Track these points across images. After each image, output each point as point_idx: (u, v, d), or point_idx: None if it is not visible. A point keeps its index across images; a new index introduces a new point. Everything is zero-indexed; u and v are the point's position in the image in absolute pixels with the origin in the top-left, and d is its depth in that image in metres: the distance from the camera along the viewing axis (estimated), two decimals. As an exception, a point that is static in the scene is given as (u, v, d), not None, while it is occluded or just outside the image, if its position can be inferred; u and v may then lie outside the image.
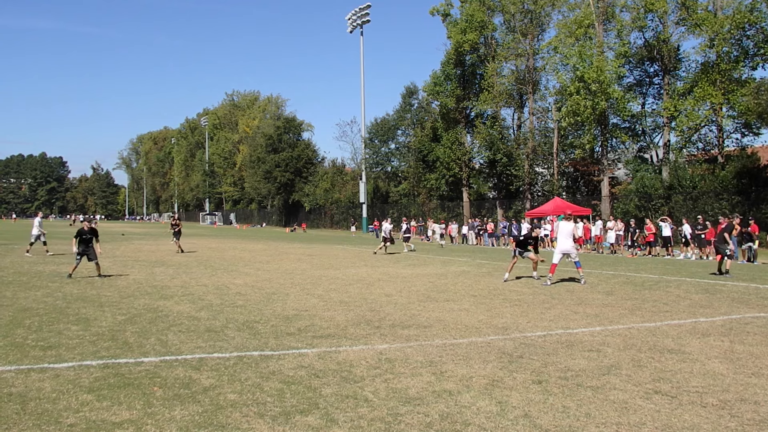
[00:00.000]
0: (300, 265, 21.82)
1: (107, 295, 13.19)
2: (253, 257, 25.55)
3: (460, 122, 57.00)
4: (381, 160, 68.75)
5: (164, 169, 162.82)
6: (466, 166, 56.15)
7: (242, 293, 13.74)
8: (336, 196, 76.87)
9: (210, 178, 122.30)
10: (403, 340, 8.79)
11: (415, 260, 24.68)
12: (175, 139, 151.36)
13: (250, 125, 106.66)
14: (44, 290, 13.98)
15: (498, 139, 51.89)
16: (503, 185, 54.54)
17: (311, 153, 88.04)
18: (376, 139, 68.31)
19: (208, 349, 8.10)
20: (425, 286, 15.27)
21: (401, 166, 67.88)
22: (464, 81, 56.27)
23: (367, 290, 14.44)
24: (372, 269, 20.17)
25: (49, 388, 6.34)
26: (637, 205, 39.74)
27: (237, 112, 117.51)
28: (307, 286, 15.26)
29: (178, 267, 20.30)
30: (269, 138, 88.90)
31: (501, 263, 22.71)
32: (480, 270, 20.23)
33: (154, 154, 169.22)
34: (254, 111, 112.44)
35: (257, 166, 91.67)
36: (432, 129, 61.04)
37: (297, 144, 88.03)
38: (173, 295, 13.28)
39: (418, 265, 21.88)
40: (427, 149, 59.39)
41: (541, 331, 9.48)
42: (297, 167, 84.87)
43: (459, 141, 56.06)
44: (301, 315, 10.88)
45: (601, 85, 38.76)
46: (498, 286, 15.52)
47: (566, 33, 42.71)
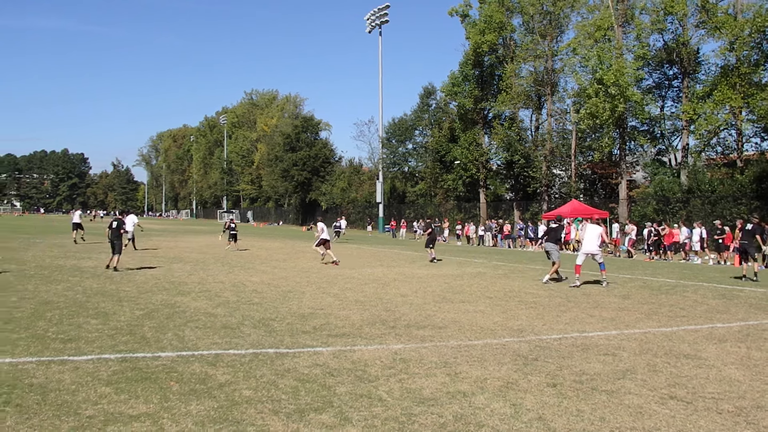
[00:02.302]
0: (316, 263, 21.86)
1: (126, 290, 13.31)
2: (269, 255, 25.64)
3: (477, 123, 56.81)
4: (398, 160, 68.74)
5: (183, 167, 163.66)
6: (483, 167, 55.97)
7: (258, 291, 13.80)
8: (353, 196, 76.94)
9: (228, 175, 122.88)
10: (418, 340, 8.79)
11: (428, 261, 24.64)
12: (194, 136, 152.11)
13: (268, 124, 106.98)
14: (65, 284, 14.13)
15: (516, 141, 51.65)
16: (520, 187, 54.30)
17: (328, 152, 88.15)
18: (394, 139, 68.29)
19: (224, 345, 8.15)
20: (441, 287, 15.25)
21: (418, 167, 67.82)
22: (482, 82, 56.07)
23: (383, 290, 14.45)
24: (388, 269, 20.18)
25: (69, 380, 6.41)
26: (655, 209, 39.40)
27: (255, 110, 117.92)
28: (322, 284, 15.29)
29: (196, 264, 20.42)
30: (287, 137, 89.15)
31: (517, 265, 22.63)
32: (496, 272, 20.16)
33: (174, 151, 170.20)
34: (272, 110, 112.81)
35: (275, 164, 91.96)
36: (449, 129, 60.89)
37: (314, 143, 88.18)
38: (190, 292, 13.37)
39: (433, 266, 21.84)
40: (445, 150, 59.27)
41: (557, 334, 9.44)
42: (314, 166, 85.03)
43: (476, 142, 55.88)
44: (317, 313, 10.91)
45: (620, 88, 38.47)
46: (514, 287, 15.46)
47: (585, 35, 42.44)
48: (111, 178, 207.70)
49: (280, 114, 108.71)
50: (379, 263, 22.67)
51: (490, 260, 25.75)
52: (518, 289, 15.13)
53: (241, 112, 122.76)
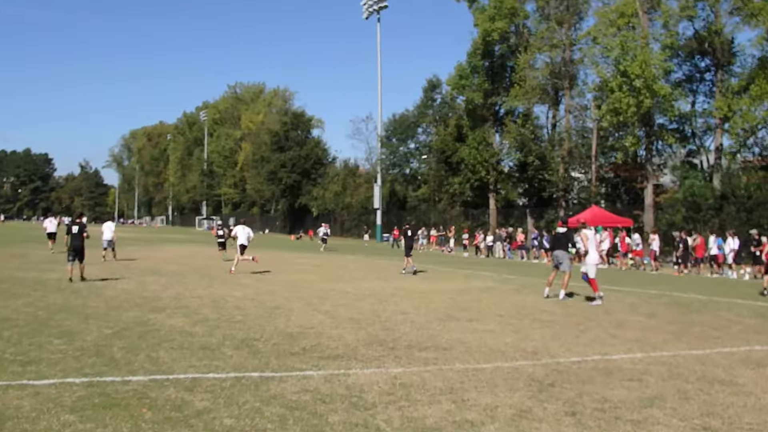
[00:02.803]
0: (306, 276, 21.85)
1: (93, 306, 13.27)
2: (252, 266, 25.61)
3: (487, 120, 56.95)
4: (399, 161, 68.92)
5: (158, 168, 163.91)
6: (493, 169, 56.04)
7: (241, 307, 13.78)
8: (347, 201, 77.04)
9: (208, 178, 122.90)
10: (420, 363, 8.76)
11: (434, 274, 24.65)
12: (171, 135, 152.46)
13: (253, 120, 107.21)
14: (25, 299, 14.09)
15: (530, 140, 51.77)
16: (535, 191, 54.40)
17: (321, 152, 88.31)
18: (394, 138, 68.46)
19: (202, 368, 8.12)
20: (445, 303, 15.23)
21: (421, 168, 67.94)
22: (493, 74, 56.22)
23: (381, 306, 14.42)
24: (386, 283, 20.16)
25: (29, 406, 6.38)
26: (685, 216, 39.41)
27: (240, 105, 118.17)
28: (313, 300, 15.27)
29: (172, 276, 20.40)
30: (275, 135, 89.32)
31: (530, 279, 22.63)
32: (507, 286, 20.14)
33: (148, 151, 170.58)
34: (258, 105, 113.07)
35: (261, 165, 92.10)
36: (456, 127, 61.05)
37: (305, 142, 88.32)
38: (165, 308, 13.34)
39: (437, 280, 21.83)
40: (451, 150, 59.39)
41: (576, 357, 9.41)
42: (305, 168, 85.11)
43: (486, 141, 55.99)
44: (307, 333, 10.88)
45: (645, 81, 38.55)
46: (527, 304, 15.45)
47: (607, 22, 42.57)
48: (78, 181, 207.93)
49: (267, 109, 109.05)
50: (376, 276, 22.65)
51: (500, 273, 25.73)
52: (532, 306, 15.11)
53: (224, 107, 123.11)
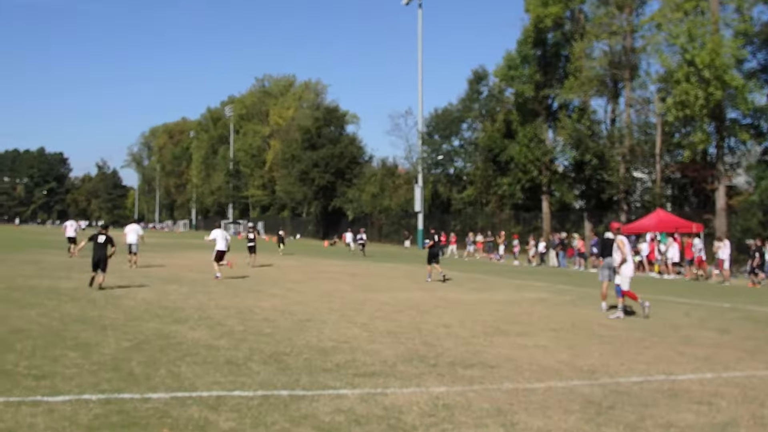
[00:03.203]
0: (340, 286, 21.93)
1: (111, 317, 13.47)
2: (283, 275, 25.78)
3: (539, 115, 56.58)
4: (442, 159, 68.71)
5: (181, 168, 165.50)
6: (546, 169, 55.65)
7: (270, 319, 13.88)
8: (386, 203, 77.06)
9: (234, 179, 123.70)
10: (464, 382, 8.74)
11: (481, 284, 24.57)
12: (194, 132, 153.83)
13: (283, 116, 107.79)
14: (39, 309, 14.35)
15: (587, 136, 51.25)
16: (593, 193, 53.84)
17: (356, 150, 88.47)
18: (436, 135, 68.32)
19: (227, 385, 8.19)
20: (493, 316, 15.18)
21: (466, 168, 67.71)
22: (545, 64, 55.86)
23: (422, 319, 14.44)
24: (428, 293, 20.14)
25: (42, 425, 6.49)
26: (762, 221, 38.73)
27: (268, 100, 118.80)
28: (348, 312, 15.33)
29: (194, 285, 20.61)
30: (306, 131, 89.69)
31: (588, 290, 22.42)
32: (561, 297, 19.98)
33: (170, 149, 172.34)
34: (288, 99, 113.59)
35: (291, 165, 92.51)
36: (505, 123, 60.73)
37: (339, 139, 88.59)
38: (188, 319, 13.50)
39: (484, 290, 21.75)
40: (499, 147, 59.09)
41: (637, 376, 9.32)
42: (339, 167, 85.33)
43: (538, 137, 55.62)
44: (341, 347, 10.91)
45: (715, 71, 37.97)
46: (584, 317, 15.32)
47: (672, 6, 42.01)
48: (95, 182, 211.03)
49: (297, 104, 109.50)
50: (417, 286, 22.65)
51: (555, 283, 25.54)
52: (589, 320, 14.98)
53: (251, 101, 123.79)
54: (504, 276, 29.41)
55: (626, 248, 15.90)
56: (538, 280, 26.86)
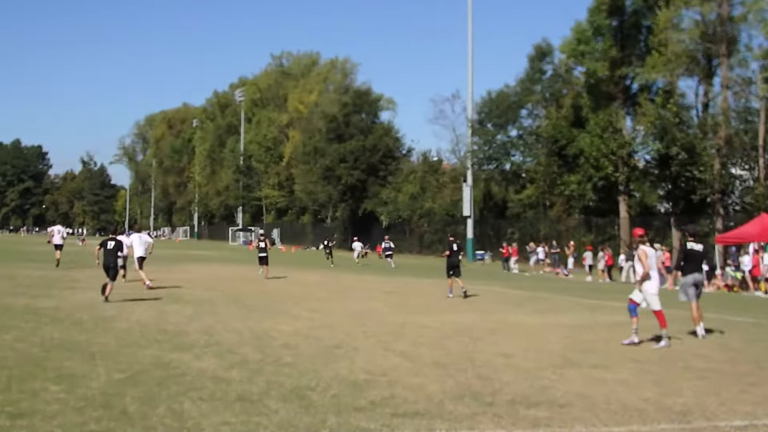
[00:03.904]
0: (374, 305, 21.95)
1: (100, 343, 13.56)
2: (306, 293, 25.84)
3: (615, 98, 56.25)
4: (496, 153, 68.56)
5: (181, 164, 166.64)
6: (624, 164, 55.25)
7: (291, 345, 13.91)
8: (428, 206, 77.01)
9: (245, 177, 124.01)
10: (527, 424, 8.69)
11: (547, 304, 24.43)
12: (197, 120, 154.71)
13: (304, 101, 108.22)
14: (15, 333, 14.48)
15: (673, 125, 50.80)
16: (681, 194, 53.34)
17: (392, 142, 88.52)
18: (489, 123, 68.26)
19: (239, 426, 8.20)
20: (561, 344, 15.09)
21: (526, 163, 67.51)
22: (622, 37, 55.55)
23: (475, 347, 14.39)
24: (482, 315, 20.08)
25: (19, 473, 6.54)
26: None
27: (287, 82, 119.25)
28: (384, 337, 15.33)
29: (199, 304, 20.71)
30: (332, 120, 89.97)
31: (678, 311, 22.16)
32: (644, 322, 19.77)
33: (168, 141, 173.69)
34: (311, 81, 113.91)
35: (313, 160, 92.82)
36: (573, 108, 60.47)
37: (372, 129, 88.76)
38: (192, 345, 13.56)
39: (550, 312, 21.62)
40: (566, 138, 58.85)
41: (741, 420, 9.21)
42: (371, 163, 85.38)
43: (614, 126, 55.26)
44: (376, 381, 10.89)
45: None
46: (674, 346, 15.15)
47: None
48: (79, 181, 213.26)
49: (321, 87, 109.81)
50: (469, 307, 22.57)
51: (636, 304, 25.31)
52: (680, 348, 14.84)
53: (266, 84, 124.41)
54: (573, 295, 29.22)
55: (651, 260, 15.64)
56: (614, 300, 26.60)
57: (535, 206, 64.93)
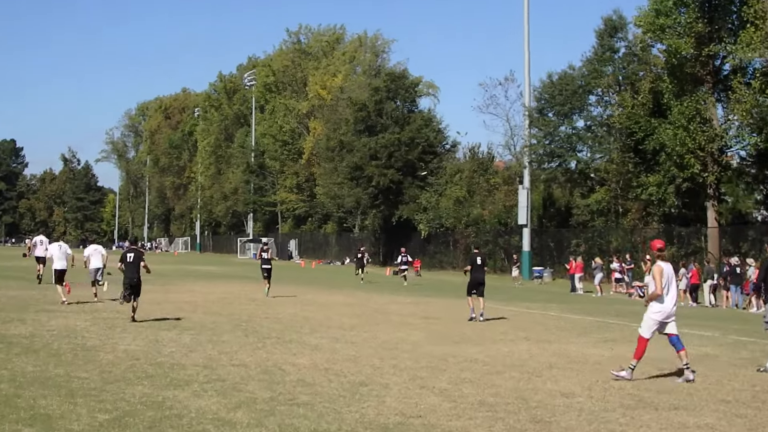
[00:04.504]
0: (409, 334, 21.97)
1: (81, 377, 13.66)
2: (327, 318, 25.87)
3: (703, 82, 55.88)
4: (559, 148, 68.27)
5: (180, 162, 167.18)
6: (714, 162, 54.86)
7: (308, 381, 13.97)
8: (476, 213, 76.82)
9: (257, 177, 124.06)
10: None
11: (616, 332, 24.33)
12: (199, 109, 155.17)
13: (327, 86, 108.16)
14: (-20, 365, 14.65)
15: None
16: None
17: (434, 135, 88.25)
18: (551, 112, 67.98)
19: (247, 478, 8.27)
20: (634, 381, 15.06)
21: (595, 161, 67.21)
22: (711, 8, 55.20)
23: (529, 384, 14.40)
24: (538, 346, 20.06)
25: None
26: None
27: (306, 62, 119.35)
28: (420, 372, 15.35)
29: (200, 332, 20.80)
30: (360, 108, 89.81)
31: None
32: (735, 354, 19.69)
33: (165, 134, 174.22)
34: (335, 61, 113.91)
35: (339, 157, 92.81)
36: (652, 94, 60.10)
37: (409, 119, 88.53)
38: (191, 381, 13.64)
39: (620, 342, 21.52)
40: (643, 130, 58.51)
41: None
42: (408, 160, 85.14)
43: (701, 116, 54.89)
44: (410, 425, 10.92)
45: None
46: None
47: None
48: (60, 183, 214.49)
49: (348, 68, 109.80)
50: (523, 335, 22.55)
51: (725, 333, 25.21)
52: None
53: (282, 65, 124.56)
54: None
55: (665, 279, 15.52)
56: (700, 327, 26.48)
57: (605, 213, 64.53)
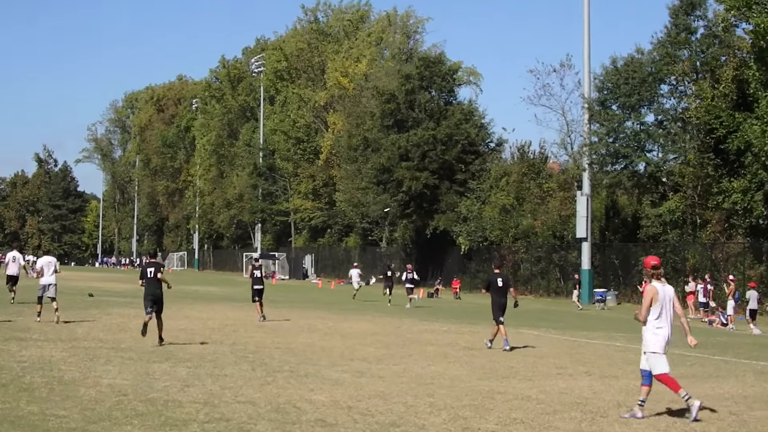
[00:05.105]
0: (447, 367, 21.99)
1: (60, 416, 13.65)
2: (349, 347, 25.89)
3: (797, 69, 55.76)
4: (624, 147, 68.07)
5: (176, 163, 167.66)
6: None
7: (328, 421, 13.96)
8: (526, 224, 76.69)
9: (266, 181, 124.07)
10: None
11: (692, 367, 24.20)
12: (198, 101, 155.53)
13: (349, 72, 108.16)
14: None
15: None
16: None
17: (476, 132, 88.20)
18: (615, 104, 67.84)
19: None
20: (717, 425, 15.00)
21: (668, 163, 66.99)
22: (808, -20, 55.11)
23: (593, 426, 14.44)
24: (602, 381, 20.08)
25: None
26: None
27: (324, 45, 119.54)
28: (462, 411, 15.33)
29: (199, 363, 20.84)
30: (389, 99, 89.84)
31: None
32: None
33: (157, 130, 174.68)
34: (359, 43, 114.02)
35: (363, 157, 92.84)
36: (736, 83, 59.94)
37: (446, 112, 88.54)
38: (188, 420, 13.65)
39: (699, 378, 21.44)
40: (725, 127, 58.35)
41: None
42: (445, 161, 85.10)
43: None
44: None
45: None
46: None
47: None
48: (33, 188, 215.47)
49: (374, 52, 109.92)
50: (583, 368, 22.55)
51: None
52: None
53: (296, 48, 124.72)
54: (734, 354, 28.91)
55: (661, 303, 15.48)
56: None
57: (680, 225, 64.30)
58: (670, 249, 63.33)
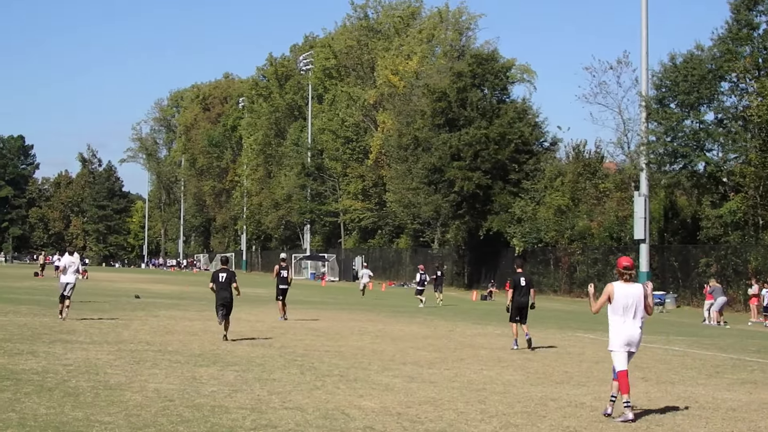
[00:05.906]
0: (500, 372, 21.94)
1: (105, 422, 13.69)
2: (400, 351, 25.87)
3: None
4: (684, 146, 67.66)
5: (222, 163, 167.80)
6: None
7: (377, 428, 13.98)
8: (582, 225, 76.33)
9: (315, 181, 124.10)
10: None
11: (756, 373, 24.00)
12: (244, 99, 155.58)
13: (400, 70, 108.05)
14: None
15: None
16: None
17: (530, 131, 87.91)
18: (674, 102, 67.43)
19: None
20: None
21: (728, 162, 66.50)
22: None
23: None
24: (659, 388, 19.90)
25: None
26: None
27: (374, 42, 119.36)
28: (514, 418, 15.31)
29: (246, 368, 20.85)
30: (440, 97, 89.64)
31: None
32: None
33: (203, 129, 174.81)
34: (410, 40, 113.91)
35: (414, 157, 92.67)
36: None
37: (500, 111, 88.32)
38: (235, 427, 13.68)
39: (758, 384, 21.26)
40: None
41: None
42: (498, 161, 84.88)
43: None
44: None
45: None
46: None
47: None
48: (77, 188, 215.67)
49: (425, 49, 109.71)
50: (639, 374, 22.27)
51: None
52: None
53: (345, 45, 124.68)
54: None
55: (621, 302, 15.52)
56: None
57: (741, 226, 63.79)
58: (731, 251, 62.84)
